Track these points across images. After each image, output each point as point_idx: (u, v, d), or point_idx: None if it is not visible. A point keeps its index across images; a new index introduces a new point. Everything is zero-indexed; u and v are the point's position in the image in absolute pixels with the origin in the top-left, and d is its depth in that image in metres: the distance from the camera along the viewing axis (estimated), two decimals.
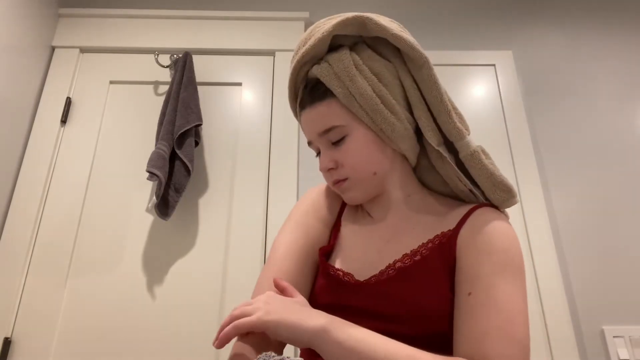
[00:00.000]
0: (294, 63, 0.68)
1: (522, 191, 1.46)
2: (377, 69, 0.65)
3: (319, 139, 0.67)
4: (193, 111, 1.45)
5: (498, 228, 0.60)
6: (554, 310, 1.32)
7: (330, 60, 0.65)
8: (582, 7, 1.79)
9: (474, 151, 0.66)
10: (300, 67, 0.68)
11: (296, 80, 0.70)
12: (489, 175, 0.65)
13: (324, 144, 0.67)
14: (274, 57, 1.67)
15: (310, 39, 0.66)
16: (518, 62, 1.69)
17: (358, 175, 0.66)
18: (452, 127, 0.66)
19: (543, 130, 1.58)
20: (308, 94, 0.67)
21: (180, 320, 1.33)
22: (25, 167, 1.46)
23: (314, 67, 0.66)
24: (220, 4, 1.76)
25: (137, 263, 1.39)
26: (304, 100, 0.68)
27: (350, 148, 0.65)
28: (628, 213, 1.46)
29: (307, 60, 0.67)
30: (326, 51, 0.67)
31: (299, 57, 0.66)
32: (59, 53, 1.63)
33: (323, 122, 0.65)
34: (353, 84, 0.63)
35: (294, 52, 0.69)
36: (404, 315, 0.57)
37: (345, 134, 0.65)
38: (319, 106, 0.65)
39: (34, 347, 1.28)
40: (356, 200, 0.69)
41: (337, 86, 0.63)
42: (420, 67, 0.64)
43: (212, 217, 1.46)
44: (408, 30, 0.72)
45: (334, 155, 0.66)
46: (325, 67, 0.65)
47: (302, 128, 0.70)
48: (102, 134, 1.55)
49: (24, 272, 1.36)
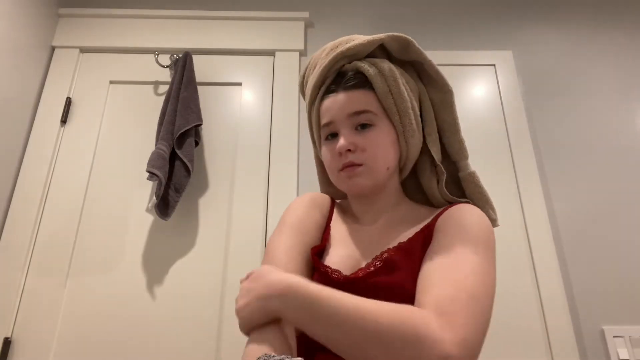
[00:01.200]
0: (335, 54, 0.72)
1: (522, 191, 1.46)
2: (409, 82, 0.73)
3: (346, 120, 0.70)
4: (193, 111, 1.45)
5: (471, 212, 0.65)
6: (554, 310, 1.32)
7: (373, 61, 0.71)
8: (582, 7, 1.79)
9: (473, 171, 0.75)
10: (340, 58, 0.71)
11: (329, 70, 0.73)
12: (485, 194, 0.74)
13: (348, 126, 0.69)
14: (274, 57, 1.67)
15: (353, 40, 0.72)
16: (518, 62, 1.69)
17: (374, 164, 0.69)
18: (461, 146, 0.75)
19: (543, 130, 1.58)
20: (343, 82, 0.71)
21: (180, 320, 1.33)
22: (25, 167, 1.46)
23: (357, 62, 0.71)
24: (220, 4, 1.76)
25: (137, 263, 1.39)
26: (334, 87, 0.72)
27: (374, 137, 0.68)
28: (628, 213, 1.46)
29: (348, 55, 0.71)
30: (366, 55, 0.73)
31: (344, 49, 0.71)
32: (59, 53, 1.63)
33: (358, 104, 0.69)
34: (395, 84, 0.69)
35: (331, 47, 0.74)
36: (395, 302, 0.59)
37: (374, 123, 0.69)
38: (356, 92, 0.69)
39: (34, 347, 1.28)
40: (363, 187, 0.70)
41: (379, 82, 0.69)
42: (445, 92, 0.74)
43: (212, 217, 1.46)
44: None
45: (356, 139, 0.69)
46: (368, 65, 0.70)
47: (324, 110, 0.72)
48: (102, 134, 1.55)
49: (24, 272, 1.36)
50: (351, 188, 0.71)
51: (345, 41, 0.73)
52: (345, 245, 0.70)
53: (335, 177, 0.72)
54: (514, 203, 1.46)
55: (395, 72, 0.70)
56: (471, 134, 1.56)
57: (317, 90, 0.74)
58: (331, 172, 0.73)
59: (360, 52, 0.72)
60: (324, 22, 1.75)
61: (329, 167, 0.73)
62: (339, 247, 0.70)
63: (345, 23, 1.75)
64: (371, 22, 1.74)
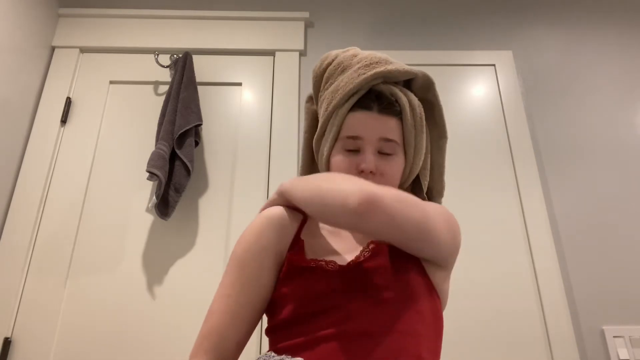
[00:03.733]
0: (375, 71, 0.74)
1: (522, 191, 1.46)
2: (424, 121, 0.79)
3: (375, 142, 0.72)
4: (193, 111, 1.45)
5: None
6: (554, 310, 1.32)
7: (406, 92, 0.76)
8: (581, 7, 1.79)
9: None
10: (377, 77, 0.74)
11: (366, 83, 0.74)
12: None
13: (374, 149, 0.72)
14: (274, 57, 1.67)
15: (393, 63, 0.76)
16: (518, 62, 1.69)
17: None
18: (442, 186, 0.84)
19: (543, 130, 1.58)
20: (380, 104, 0.74)
21: (180, 320, 1.33)
22: (25, 167, 1.46)
23: (394, 87, 0.75)
24: (220, 4, 1.76)
25: (137, 263, 1.39)
26: (371, 104, 0.74)
27: (394, 164, 0.73)
28: (628, 213, 1.46)
29: (385, 75, 0.75)
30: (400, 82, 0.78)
31: (385, 70, 0.74)
32: (59, 53, 1.63)
33: (391, 132, 0.73)
34: (420, 121, 0.75)
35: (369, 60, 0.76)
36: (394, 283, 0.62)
37: (396, 152, 0.74)
38: (390, 119, 0.73)
39: (34, 347, 1.28)
40: None
41: (409, 115, 0.74)
42: (443, 138, 0.82)
43: (212, 217, 1.46)
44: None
45: (380, 163, 0.72)
46: (403, 95, 0.75)
47: (355, 123, 0.73)
48: (102, 134, 1.55)
49: (24, 272, 1.36)
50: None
51: (384, 60, 0.76)
52: (328, 246, 0.70)
53: None
54: (514, 203, 1.46)
55: (421, 109, 0.76)
56: (471, 135, 1.56)
57: (347, 97, 0.75)
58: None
59: (396, 78, 0.76)
60: (324, 22, 1.75)
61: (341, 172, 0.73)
62: (322, 248, 0.69)
63: (345, 23, 1.75)
64: (371, 22, 1.74)
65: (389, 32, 1.72)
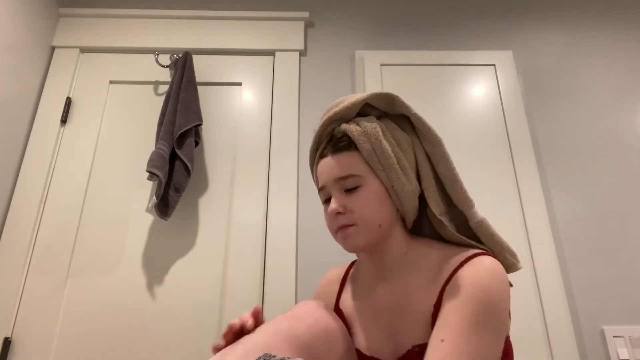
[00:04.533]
0: (325, 119, 0.76)
1: (522, 191, 1.46)
2: (397, 137, 0.74)
3: (334, 184, 0.72)
4: (193, 111, 1.45)
5: (484, 280, 0.62)
6: (554, 310, 1.32)
7: (359, 121, 0.74)
8: (581, 6, 1.79)
9: (483, 219, 0.74)
10: (329, 123, 0.75)
11: (322, 134, 0.77)
12: (499, 240, 0.73)
13: (337, 190, 0.72)
14: (274, 57, 1.67)
15: (343, 103, 0.75)
16: (518, 62, 1.69)
17: (365, 223, 0.70)
18: (465, 197, 0.74)
19: (543, 130, 1.58)
20: (332, 145, 0.74)
21: (180, 320, 1.33)
22: (25, 167, 1.46)
23: (344, 124, 0.74)
24: (220, 4, 1.76)
25: (137, 263, 1.39)
26: (326, 150, 0.75)
27: (362, 197, 0.70)
28: (628, 213, 1.46)
29: (337, 118, 0.75)
30: (355, 115, 0.76)
31: (332, 114, 0.75)
32: (59, 53, 1.63)
33: (343, 169, 0.72)
34: (378, 142, 0.71)
35: (325, 112, 0.78)
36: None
37: (361, 184, 0.71)
38: (341, 156, 0.73)
39: (34, 347, 1.28)
40: (357, 247, 0.72)
41: (363, 142, 0.71)
42: (434, 145, 0.74)
43: (212, 217, 1.46)
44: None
45: (345, 201, 0.71)
46: (355, 126, 0.73)
47: (318, 175, 0.76)
48: (102, 134, 1.55)
49: (24, 272, 1.36)
50: (347, 248, 0.74)
51: (335, 104, 0.77)
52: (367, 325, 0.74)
53: (335, 238, 0.75)
54: (514, 203, 1.46)
55: (377, 130, 0.72)
56: (471, 134, 1.56)
57: (314, 154, 0.79)
58: (332, 234, 0.76)
59: (349, 114, 0.75)
60: (324, 22, 1.75)
61: (329, 229, 0.76)
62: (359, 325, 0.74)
63: (345, 23, 1.75)
64: (371, 22, 1.74)
65: (389, 32, 1.72)
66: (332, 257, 1.40)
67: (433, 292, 0.66)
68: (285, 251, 1.39)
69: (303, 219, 1.46)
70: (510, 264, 0.73)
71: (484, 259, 0.65)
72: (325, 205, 0.75)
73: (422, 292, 0.68)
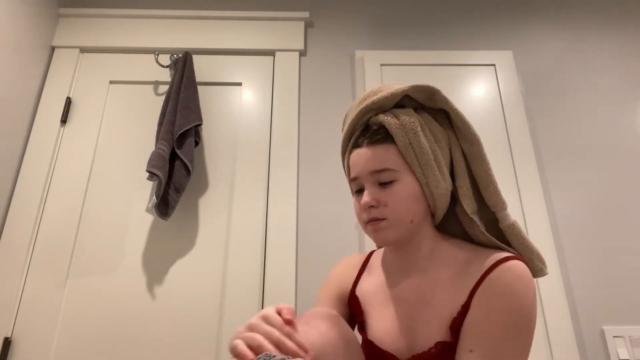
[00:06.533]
0: (362, 107, 0.73)
1: (522, 191, 1.46)
2: (434, 132, 0.73)
3: (369, 177, 0.71)
4: (193, 111, 1.45)
5: (514, 289, 0.61)
6: (554, 310, 1.32)
7: (397, 113, 0.72)
8: (582, 6, 1.79)
9: (514, 222, 0.72)
10: (366, 112, 0.73)
11: (357, 123, 0.74)
12: (529, 244, 0.72)
13: (371, 183, 0.71)
14: (274, 57, 1.67)
15: (381, 92, 0.74)
16: (518, 62, 1.69)
17: (397, 218, 0.70)
18: (498, 198, 0.72)
19: (543, 130, 1.58)
20: (368, 136, 0.72)
21: (180, 320, 1.33)
22: (25, 167, 1.46)
23: (381, 115, 0.72)
24: (220, 4, 1.76)
25: (137, 263, 1.39)
26: (361, 140, 0.73)
27: (396, 192, 0.70)
28: (628, 213, 1.46)
29: (374, 108, 0.73)
30: (392, 106, 0.74)
31: (369, 103, 0.73)
32: (59, 53, 1.63)
33: (379, 162, 0.70)
34: (415, 136, 0.70)
35: (361, 100, 0.76)
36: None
37: (395, 178, 0.70)
38: (378, 148, 0.71)
39: (34, 347, 1.28)
40: (388, 241, 0.71)
41: (400, 135, 0.70)
42: (472, 143, 0.72)
43: (212, 217, 1.46)
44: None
45: (379, 195, 0.70)
46: (392, 117, 0.71)
47: (351, 165, 0.74)
48: (102, 134, 1.55)
49: (24, 272, 1.36)
50: (377, 241, 0.73)
51: (373, 93, 0.75)
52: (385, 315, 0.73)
53: (364, 229, 0.75)
54: (514, 203, 1.46)
55: (416, 124, 0.70)
56: None
57: (346, 142, 0.77)
58: (360, 224, 0.75)
59: (386, 105, 0.73)
60: (324, 22, 1.75)
61: (358, 219, 0.75)
62: (380, 318, 0.74)
63: (345, 23, 1.75)
64: (371, 22, 1.74)
65: (389, 32, 1.72)
66: (332, 257, 1.40)
67: (462, 292, 0.65)
68: (285, 251, 1.39)
69: (303, 219, 1.46)
70: (538, 269, 0.72)
71: (516, 265, 0.64)
72: (357, 196, 0.74)
73: (449, 290, 0.67)
